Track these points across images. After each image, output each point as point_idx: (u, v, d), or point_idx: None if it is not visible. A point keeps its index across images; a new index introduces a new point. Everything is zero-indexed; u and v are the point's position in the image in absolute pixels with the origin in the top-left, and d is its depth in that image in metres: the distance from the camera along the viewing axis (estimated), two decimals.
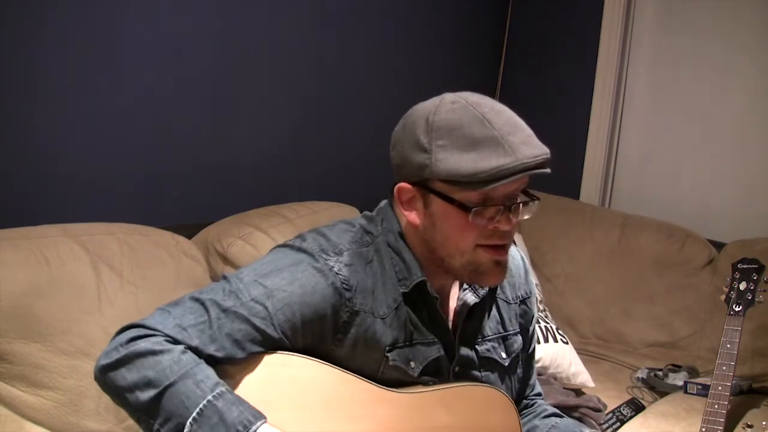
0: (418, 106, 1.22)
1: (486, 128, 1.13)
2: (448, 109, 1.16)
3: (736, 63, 2.78)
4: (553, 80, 3.14)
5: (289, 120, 2.49)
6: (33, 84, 1.88)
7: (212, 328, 1.13)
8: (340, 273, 1.20)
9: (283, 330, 1.16)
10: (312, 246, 1.23)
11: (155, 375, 1.08)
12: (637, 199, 3.04)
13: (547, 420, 1.44)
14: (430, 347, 1.27)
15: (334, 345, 1.21)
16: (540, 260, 2.84)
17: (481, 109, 1.16)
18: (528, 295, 1.45)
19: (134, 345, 1.11)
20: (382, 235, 1.26)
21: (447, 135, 1.14)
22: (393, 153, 1.23)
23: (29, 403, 1.57)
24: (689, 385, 2.31)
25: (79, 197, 2.00)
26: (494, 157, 1.11)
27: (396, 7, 2.77)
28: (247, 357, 1.15)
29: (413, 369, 1.25)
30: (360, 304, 1.21)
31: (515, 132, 1.14)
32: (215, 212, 2.18)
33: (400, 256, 1.25)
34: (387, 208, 1.30)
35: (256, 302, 1.16)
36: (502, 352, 1.36)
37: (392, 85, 2.78)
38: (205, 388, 1.09)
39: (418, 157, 1.16)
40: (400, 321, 1.24)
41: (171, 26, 2.13)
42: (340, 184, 2.64)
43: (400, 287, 1.24)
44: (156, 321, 1.14)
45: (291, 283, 1.18)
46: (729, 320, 1.95)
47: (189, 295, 1.18)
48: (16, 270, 1.58)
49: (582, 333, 2.75)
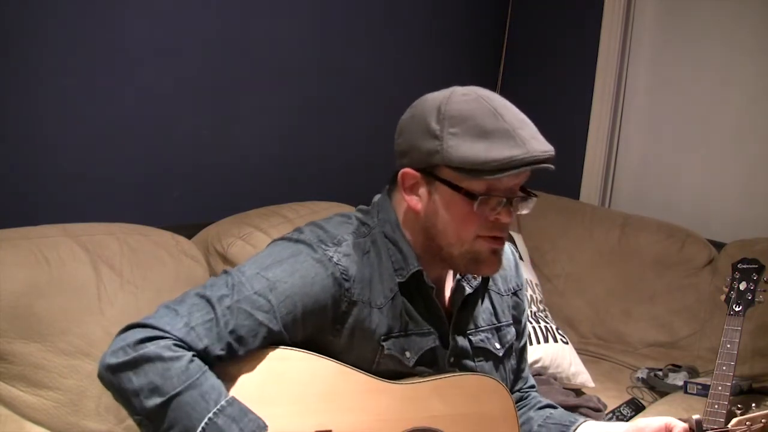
0: (427, 96, 1.24)
1: (498, 120, 1.16)
2: (460, 99, 1.19)
3: (736, 63, 2.78)
4: (553, 80, 3.14)
5: (289, 120, 2.49)
6: (33, 84, 1.88)
7: (219, 326, 1.14)
8: (339, 263, 1.21)
9: (285, 322, 1.17)
10: (310, 237, 1.24)
11: (162, 382, 1.08)
12: (637, 199, 3.04)
13: (541, 411, 1.45)
14: (425, 337, 1.28)
15: (332, 335, 1.22)
16: (540, 260, 2.84)
17: (492, 102, 1.19)
18: (519, 287, 1.47)
19: (143, 348, 1.10)
20: (378, 226, 1.28)
21: (459, 123, 1.16)
22: (399, 140, 1.24)
23: (29, 403, 1.57)
24: (689, 385, 2.31)
25: (79, 197, 2.00)
26: (506, 148, 1.14)
27: (396, 7, 2.77)
28: (246, 353, 1.16)
29: (408, 359, 1.26)
30: (358, 294, 1.22)
31: (524, 127, 1.17)
32: (215, 212, 2.18)
33: (397, 246, 1.26)
34: (384, 199, 1.31)
35: (259, 295, 1.16)
36: (496, 342, 1.38)
37: (392, 85, 2.78)
38: (209, 400, 1.09)
39: (429, 143, 1.18)
40: (396, 311, 1.26)
41: (171, 26, 2.13)
42: (340, 184, 2.64)
43: (397, 277, 1.26)
44: (164, 322, 1.13)
45: (292, 275, 1.19)
46: (729, 320, 1.95)
47: (193, 291, 1.18)
48: (16, 270, 1.58)
49: (582, 333, 2.75)
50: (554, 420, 1.42)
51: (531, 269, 2.67)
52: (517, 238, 2.71)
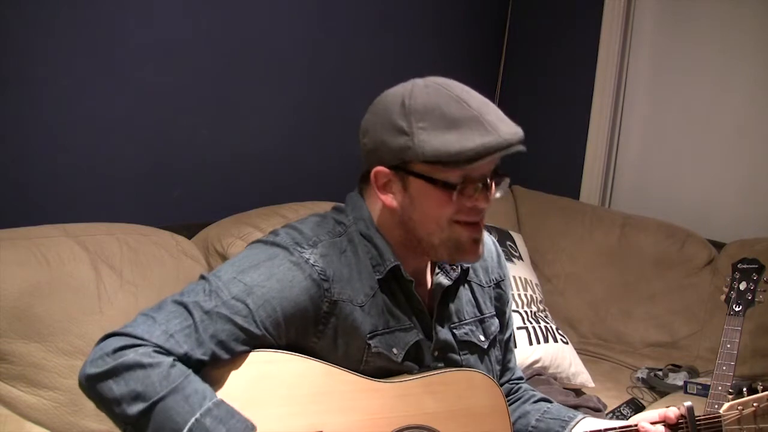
0: (386, 93, 1.25)
1: (463, 108, 1.16)
2: (422, 92, 1.19)
3: (736, 63, 2.78)
4: (553, 80, 3.14)
5: (288, 120, 2.49)
6: (33, 84, 1.88)
7: (198, 332, 1.13)
8: (316, 264, 1.21)
9: (266, 326, 1.16)
10: (286, 240, 1.23)
11: (144, 389, 1.07)
12: (637, 199, 3.04)
13: (537, 405, 1.45)
14: (408, 332, 1.28)
15: (317, 337, 1.22)
16: (540, 260, 2.84)
17: (454, 90, 1.19)
18: (502, 278, 1.46)
19: (122, 356, 1.09)
20: (353, 224, 1.28)
21: (426, 117, 1.16)
22: (365, 140, 1.24)
23: (29, 403, 1.57)
24: (689, 385, 2.31)
25: (79, 197, 2.00)
26: (477, 135, 1.14)
27: (396, 7, 2.77)
28: (232, 357, 1.15)
29: (396, 355, 1.26)
30: (338, 294, 1.22)
31: (489, 111, 1.17)
32: (215, 212, 2.18)
33: (372, 242, 1.26)
34: (355, 197, 1.31)
35: (237, 300, 1.15)
36: (480, 335, 1.38)
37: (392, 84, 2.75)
38: (194, 403, 1.08)
39: (397, 140, 1.18)
40: (378, 308, 1.25)
41: (171, 26, 2.13)
42: (340, 184, 2.62)
43: (375, 274, 1.25)
44: (142, 329, 1.12)
45: (269, 279, 1.18)
46: (729, 320, 1.95)
47: (171, 299, 1.17)
48: (16, 270, 1.58)
49: (582, 333, 2.75)
50: (552, 415, 1.41)
51: (531, 269, 2.67)
52: (517, 238, 2.71)
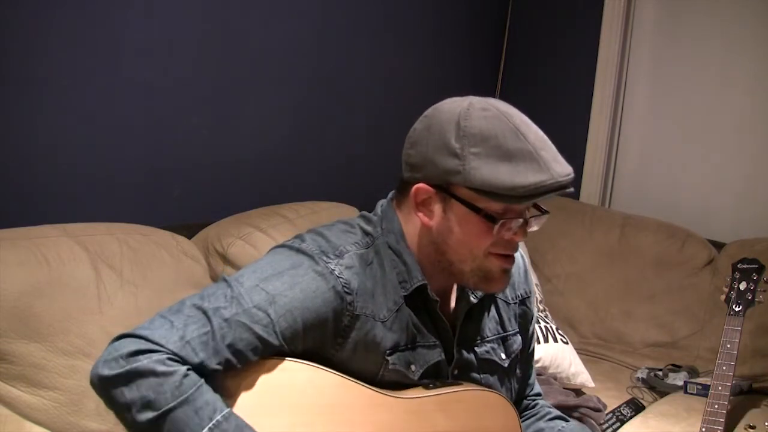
0: (442, 107, 1.19)
1: (520, 141, 1.12)
2: (480, 116, 1.14)
3: (736, 63, 2.78)
4: (553, 80, 3.14)
5: (289, 120, 2.49)
6: (33, 83, 1.88)
7: (215, 339, 1.11)
8: (341, 276, 1.18)
9: (285, 336, 1.14)
10: (311, 247, 1.20)
11: (155, 397, 1.06)
12: (637, 199, 3.04)
13: (552, 423, 1.42)
14: (432, 350, 1.26)
15: (335, 349, 1.20)
16: (540, 260, 2.84)
17: (513, 120, 1.15)
18: (527, 294, 1.43)
19: (136, 361, 1.07)
20: (382, 236, 1.25)
21: (481, 143, 1.12)
22: (412, 151, 1.20)
23: (29, 403, 1.57)
24: (689, 385, 2.31)
25: (79, 197, 2.00)
26: (530, 172, 1.11)
27: (396, 7, 2.77)
28: (244, 366, 1.14)
29: (413, 372, 1.24)
30: (361, 308, 1.19)
31: (545, 148, 1.14)
32: (215, 212, 2.18)
33: (401, 258, 1.23)
34: (388, 209, 1.27)
35: (258, 309, 1.13)
36: (501, 353, 1.35)
37: (392, 85, 2.78)
38: (204, 416, 1.07)
39: (448, 161, 1.14)
40: (402, 324, 1.23)
41: (171, 26, 2.13)
42: (340, 184, 2.64)
43: (401, 290, 1.23)
44: (159, 334, 1.10)
45: (292, 288, 1.15)
46: (729, 320, 1.95)
47: (190, 301, 1.15)
48: (16, 270, 1.58)
49: (582, 333, 2.75)
50: None
51: (531, 269, 2.67)
52: None
